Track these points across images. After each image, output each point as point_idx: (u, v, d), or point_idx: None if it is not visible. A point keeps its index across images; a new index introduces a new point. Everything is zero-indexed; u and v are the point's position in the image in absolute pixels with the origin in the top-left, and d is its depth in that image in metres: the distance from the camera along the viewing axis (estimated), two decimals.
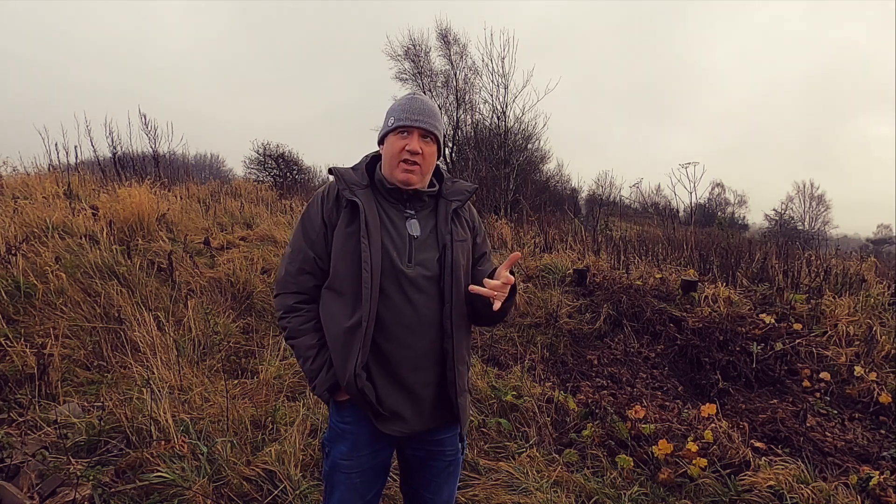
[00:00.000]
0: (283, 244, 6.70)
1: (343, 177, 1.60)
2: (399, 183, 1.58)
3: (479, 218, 1.80)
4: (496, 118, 16.98)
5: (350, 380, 1.52)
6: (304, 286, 1.62)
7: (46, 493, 2.37)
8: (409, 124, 1.57)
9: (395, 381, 1.56)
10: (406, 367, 1.55)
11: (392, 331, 1.53)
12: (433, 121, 1.60)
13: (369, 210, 1.55)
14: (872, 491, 2.81)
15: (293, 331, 1.61)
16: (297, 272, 1.62)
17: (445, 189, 1.68)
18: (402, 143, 1.56)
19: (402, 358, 1.54)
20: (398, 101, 1.65)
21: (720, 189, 33.18)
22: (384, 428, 1.57)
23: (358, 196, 1.56)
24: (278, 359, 3.94)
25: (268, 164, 16.80)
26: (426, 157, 1.58)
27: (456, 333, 1.57)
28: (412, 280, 1.53)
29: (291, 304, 1.62)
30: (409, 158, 1.55)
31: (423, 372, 1.56)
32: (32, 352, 3.44)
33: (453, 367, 1.57)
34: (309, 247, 1.60)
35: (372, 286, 1.49)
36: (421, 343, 1.54)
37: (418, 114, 1.58)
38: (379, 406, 1.54)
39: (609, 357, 4.83)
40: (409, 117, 1.57)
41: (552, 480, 2.77)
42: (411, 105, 1.60)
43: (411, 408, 1.57)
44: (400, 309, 1.53)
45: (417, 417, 1.58)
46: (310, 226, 1.61)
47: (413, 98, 1.63)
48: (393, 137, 1.59)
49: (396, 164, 1.57)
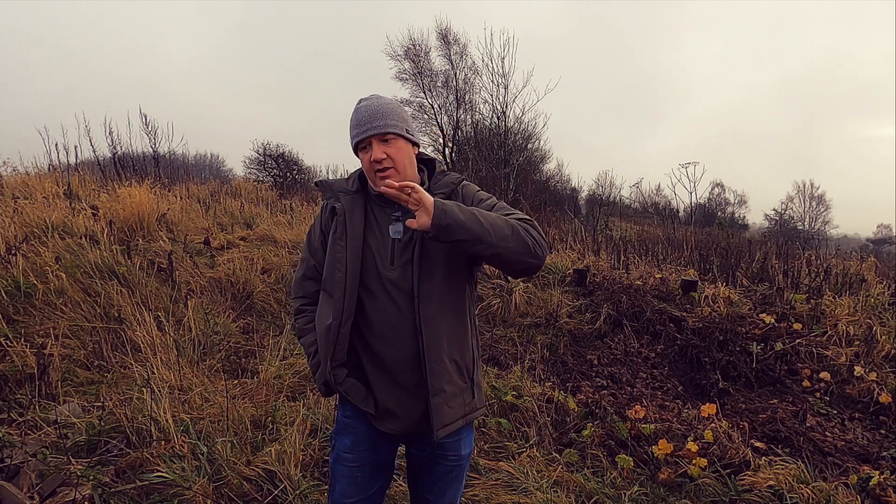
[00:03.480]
0: (283, 244, 6.70)
1: (331, 186, 1.68)
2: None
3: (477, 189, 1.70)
4: (496, 118, 16.99)
5: (328, 378, 1.59)
6: (308, 290, 1.76)
7: (46, 493, 2.37)
8: (363, 137, 1.56)
9: (390, 381, 1.57)
10: (398, 368, 1.56)
11: (381, 332, 1.55)
12: (384, 121, 1.55)
13: (350, 214, 1.59)
14: (872, 491, 2.80)
15: (300, 330, 1.77)
16: (301, 278, 1.78)
17: (434, 183, 1.67)
18: (366, 157, 1.56)
19: (393, 358, 1.56)
20: (351, 117, 1.61)
21: (720, 189, 33.20)
22: (380, 426, 1.60)
23: (341, 201, 1.61)
24: (278, 359, 3.94)
25: (268, 164, 16.79)
26: (393, 155, 1.56)
27: (426, 330, 1.51)
28: (394, 282, 1.54)
29: (298, 306, 1.78)
30: (378, 168, 1.55)
31: (415, 373, 1.55)
32: (32, 352, 3.44)
33: (426, 366, 1.52)
34: (311, 255, 1.74)
35: (346, 287, 1.53)
36: (408, 344, 1.54)
37: (366, 123, 1.55)
38: (372, 405, 1.58)
39: (609, 357, 4.83)
40: (360, 132, 1.56)
41: (552, 480, 2.77)
42: (358, 117, 1.58)
43: (405, 408, 1.58)
44: (386, 310, 1.55)
45: (410, 417, 1.58)
46: (312, 235, 1.74)
47: (358, 108, 1.59)
48: (361, 154, 1.60)
49: (373, 175, 1.58)
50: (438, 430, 1.54)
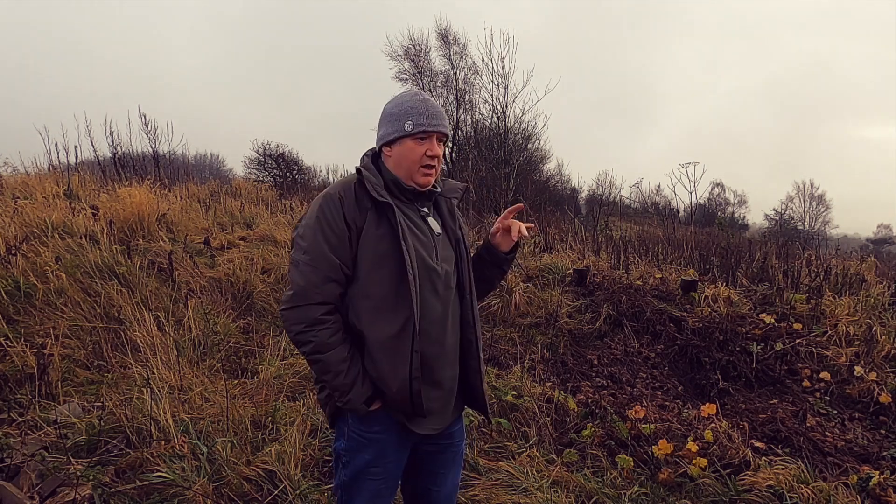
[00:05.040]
0: (283, 244, 6.69)
1: (369, 179, 1.54)
2: (418, 185, 1.59)
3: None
4: (496, 118, 17.00)
5: (402, 385, 1.48)
6: (331, 295, 1.51)
7: (46, 493, 2.37)
8: (430, 129, 1.55)
9: (430, 378, 1.56)
10: (439, 364, 1.57)
11: (426, 329, 1.53)
12: (447, 123, 1.64)
13: (401, 211, 1.56)
14: (872, 491, 2.80)
15: (321, 345, 1.48)
16: (321, 281, 1.49)
17: (444, 187, 1.72)
18: (422, 147, 1.55)
19: (436, 355, 1.56)
20: (409, 104, 1.58)
21: (720, 189, 33.21)
22: (419, 429, 1.57)
23: (386, 197, 1.52)
24: (278, 359, 3.94)
25: (268, 164, 16.80)
26: (441, 157, 1.62)
27: (477, 323, 1.64)
28: (441, 276, 1.57)
29: (317, 316, 1.49)
30: (429, 163, 1.57)
31: (452, 367, 1.61)
32: (32, 352, 3.43)
33: (478, 356, 1.63)
34: (334, 254, 1.49)
35: (418, 288, 1.49)
36: (450, 338, 1.59)
37: (438, 118, 1.58)
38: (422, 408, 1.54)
39: (609, 357, 4.83)
40: (429, 122, 1.55)
41: (552, 480, 2.77)
42: (428, 108, 1.57)
43: (443, 404, 1.61)
44: (432, 306, 1.54)
45: (446, 413, 1.63)
46: (330, 231, 1.49)
47: (427, 101, 1.60)
48: (412, 142, 1.56)
49: (417, 168, 1.57)
50: (488, 412, 1.72)
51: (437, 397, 1.58)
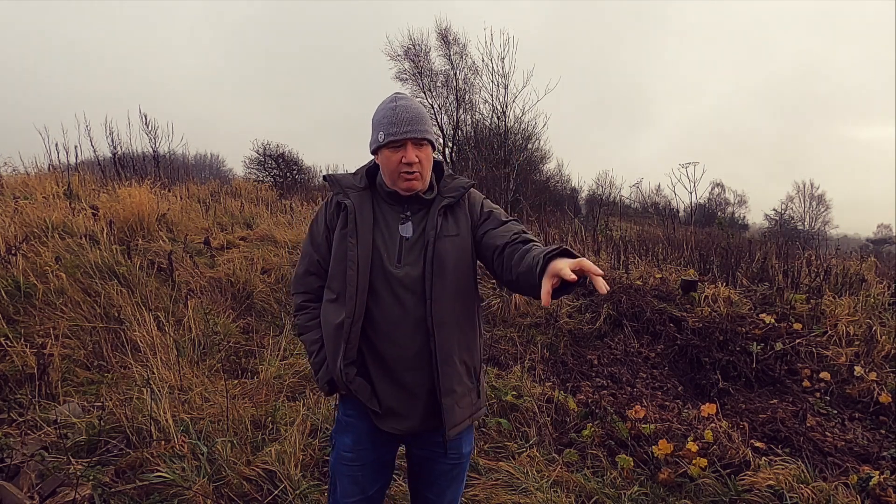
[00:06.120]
0: (283, 244, 6.70)
1: (339, 181, 1.65)
2: (402, 191, 1.59)
3: (484, 198, 1.73)
4: (496, 118, 16.98)
5: (338, 376, 1.57)
6: (310, 286, 1.71)
7: (46, 493, 2.37)
8: (399, 138, 1.53)
9: (392, 380, 1.58)
10: (401, 367, 1.57)
11: (385, 330, 1.56)
12: (422, 126, 1.56)
13: (360, 211, 1.59)
14: (872, 491, 2.80)
15: (301, 327, 1.73)
16: (303, 273, 1.72)
17: (443, 186, 1.67)
18: (397, 156, 1.54)
19: (397, 357, 1.56)
20: (382, 112, 1.58)
21: (720, 189, 33.19)
22: (382, 425, 1.61)
23: (350, 198, 1.60)
24: (278, 359, 3.94)
25: (268, 164, 16.78)
26: (423, 161, 1.57)
27: (439, 331, 1.53)
28: (400, 280, 1.55)
29: (300, 302, 1.73)
30: (408, 171, 1.55)
31: (417, 373, 1.57)
32: (32, 352, 3.43)
33: (437, 367, 1.54)
34: (314, 250, 1.69)
35: (358, 285, 1.53)
36: (412, 343, 1.55)
37: (406, 124, 1.53)
38: (376, 403, 1.58)
39: (609, 357, 4.83)
40: (398, 131, 1.53)
41: (552, 480, 2.77)
42: (397, 116, 1.54)
43: (407, 407, 1.59)
44: (390, 308, 1.55)
45: (413, 417, 1.59)
46: (315, 230, 1.70)
47: (396, 106, 1.56)
48: (387, 152, 1.56)
49: (397, 176, 1.56)
50: (450, 430, 1.57)
51: (395, 396, 1.58)
